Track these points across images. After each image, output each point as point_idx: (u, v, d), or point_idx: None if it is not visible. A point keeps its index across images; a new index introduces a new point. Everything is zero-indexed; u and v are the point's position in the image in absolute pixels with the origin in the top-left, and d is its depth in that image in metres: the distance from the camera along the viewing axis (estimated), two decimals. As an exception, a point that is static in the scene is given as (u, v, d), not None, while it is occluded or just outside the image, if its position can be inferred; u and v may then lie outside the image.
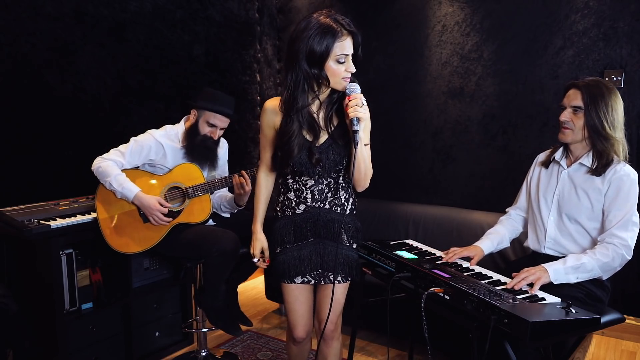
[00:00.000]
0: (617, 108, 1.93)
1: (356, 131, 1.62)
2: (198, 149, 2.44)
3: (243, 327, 2.51)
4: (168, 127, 2.50)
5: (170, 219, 2.34)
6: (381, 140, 3.59)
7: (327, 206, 1.81)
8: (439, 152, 3.38)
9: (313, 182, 1.80)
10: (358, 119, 1.62)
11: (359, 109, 1.63)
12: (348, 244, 1.84)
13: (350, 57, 1.67)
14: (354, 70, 1.68)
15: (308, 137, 1.75)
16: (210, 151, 2.47)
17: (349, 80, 1.68)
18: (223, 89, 2.60)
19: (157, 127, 2.48)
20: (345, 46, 1.63)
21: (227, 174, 2.63)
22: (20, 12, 2.58)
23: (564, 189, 2.02)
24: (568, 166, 2.03)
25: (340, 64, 1.65)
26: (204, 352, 2.65)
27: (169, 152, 2.43)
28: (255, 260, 1.89)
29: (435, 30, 3.33)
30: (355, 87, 1.68)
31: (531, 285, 1.76)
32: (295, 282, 1.85)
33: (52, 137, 2.75)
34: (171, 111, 3.31)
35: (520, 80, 3.05)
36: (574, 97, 1.95)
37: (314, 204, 1.81)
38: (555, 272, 1.80)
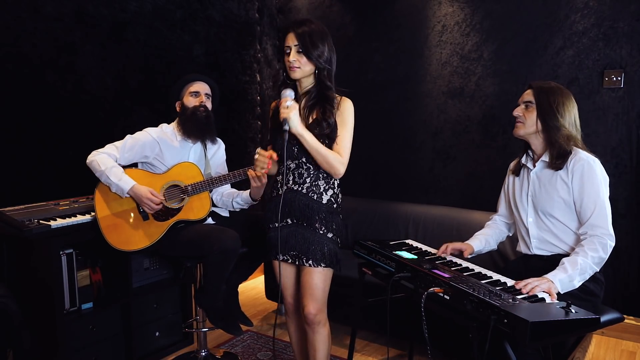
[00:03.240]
0: (570, 107, 2.01)
1: (285, 130, 1.88)
2: (189, 122, 2.45)
3: (243, 327, 2.51)
4: (164, 125, 2.52)
5: (162, 203, 2.35)
6: (381, 140, 3.59)
7: (304, 190, 1.98)
8: (439, 152, 3.38)
9: (295, 165, 2.00)
10: (285, 120, 1.87)
11: (284, 110, 1.88)
12: (321, 232, 1.98)
13: (294, 50, 1.93)
14: (292, 59, 1.92)
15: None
16: (202, 123, 2.47)
17: (293, 70, 1.94)
18: (223, 89, 2.61)
19: (153, 127, 2.50)
20: (287, 39, 1.95)
21: (226, 173, 2.63)
22: (20, 12, 2.59)
23: (534, 188, 2.07)
24: (534, 166, 2.08)
25: (287, 55, 1.95)
26: (204, 352, 2.65)
27: (165, 149, 2.43)
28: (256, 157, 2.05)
29: (435, 30, 3.34)
30: (284, 92, 1.95)
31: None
32: (278, 259, 2.04)
33: (52, 137, 2.75)
34: (171, 111, 3.30)
35: (520, 80, 3.05)
36: (527, 94, 2.06)
37: (293, 186, 2.00)
38: (562, 283, 1.79)
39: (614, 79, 2.78)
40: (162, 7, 3.25)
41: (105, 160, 2.31)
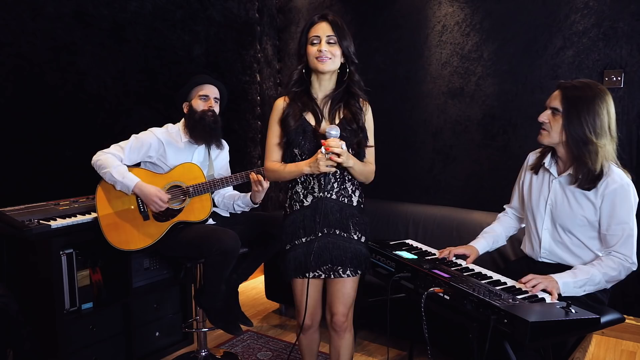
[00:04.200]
0: (602, 113, 1.80)
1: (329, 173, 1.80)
2: (198, 127, 2.43)
3: (243, 327, 2.51)
4: (169, 125, 2.51)
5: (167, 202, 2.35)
6: (381, 140, 3.56)
7: (334, 196, 1.88)
8: (439, 152, 3.38)
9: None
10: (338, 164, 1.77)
11: (331, 161, 1.75)
12: (356, 238, 1.89)
13: (324, 40, 1.82)
14: (324, 49, 1.81)
15: (311, 121, 1.88)
16: (210, 128, 2.45)
17: (323, 61, 1.82)
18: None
19: (158, 127, 2.49)
20: (317, 29, 1.84)
21: (229, 174, 2.63)
22: (20, 12, 2.59)
23: (556, 198, 1.94)
24: (559, 174, 1.94)
25: (313, 45, 1.83)
26: (204, 352, 2.65)
27: (169, 150, 2.43)
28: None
29: (435, 30, 3.34)
30: (331, 131, 1.77)
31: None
32: (306, 277, 1.90)
33: (52, 137, 2.75)
34: (171, 111, 3.30)
35: (520, 80, 3.05)
36: (555, 98, 1.87)
37: (320, 194, 1.86)
38: (565, 286, 1.75)
39: (614, 79, 2.77)
40: (162, 7, 3.25)
41: (110, 159, 2.31)
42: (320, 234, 1.87)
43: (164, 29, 3.28)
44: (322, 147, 1.75)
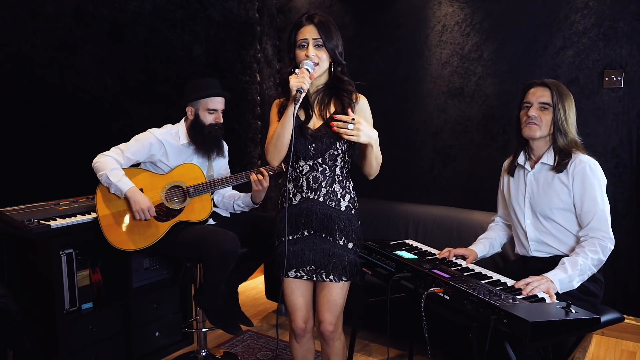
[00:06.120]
0: (574, 108, 2.02)
1: (298, 93, 1.68)
2: (208, 141, 2.46)
3: (243, 327, 2.51)
4: (169, 126, 2.51)
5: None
6: (381, 140, 3.57)
7: (321, 199, 1.84)
8: (439, 152, 3.38)
9: (308, 167, 1.85)
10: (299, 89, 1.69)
11: (295, 79, 1.69)
12: (342, 244, 1.85)
13: (311, 44, 1.77)
14: (311, 54, 1.76)
15: (301, 116, 1.84)
16: (217, 140, 2.50)
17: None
18: (223, 89, 2.60)
19: (157, 127, 2.48)
20: (303, 32, 1.78)
21: (228, 174, 2.64)
22: (20, 12, 2.59)
23: (532, 190, 2.05)
24: (532, 167, 2.06)
25: (301, 49, 1.79)
26: (204, 352, 2.65)
27: (170, 150, 2.43)
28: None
29: (435, 30, 3.34)
30: (304, 63, 1.75)
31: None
32: (289, 276, 1.89)
33: (52, 137, 2.75)
34: (171, 111, 3.30)
35: (520, 80, 3.05)
36: (542, 94, 2.00)
37: (308, 194, 1.84)
38: (561, 283, 1.79)
39: (614, 79, 2.77)
40: (162, 7, 3.25)
41: (109, 162, 2.31)
42: (306, 234, 1.86)
43: (164, 29, 3.28)
44: (296, 69, 1.74)
